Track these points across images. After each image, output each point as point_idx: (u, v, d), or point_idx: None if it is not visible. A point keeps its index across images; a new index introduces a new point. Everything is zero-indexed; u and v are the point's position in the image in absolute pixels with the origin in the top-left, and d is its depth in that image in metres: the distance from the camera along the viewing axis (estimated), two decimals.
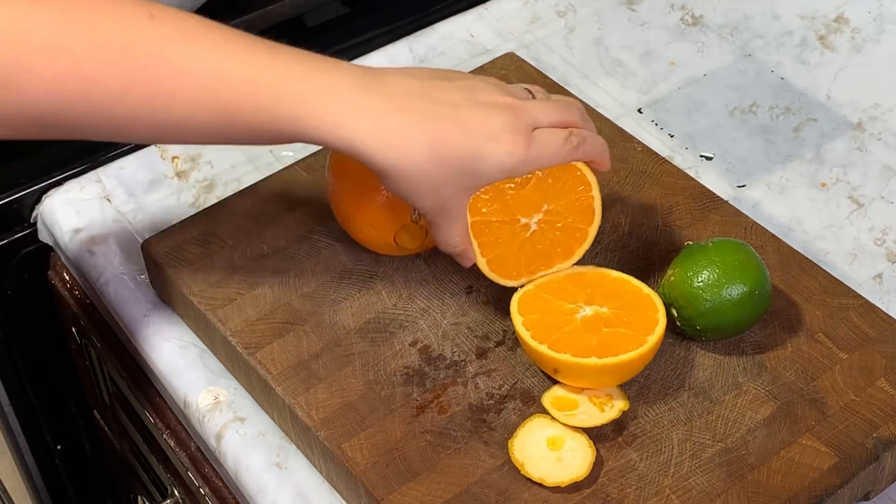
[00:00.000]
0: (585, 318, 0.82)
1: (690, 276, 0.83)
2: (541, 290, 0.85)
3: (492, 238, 0.85)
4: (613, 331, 0.81)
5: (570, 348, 0.80)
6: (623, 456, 0.79)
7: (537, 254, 0.86)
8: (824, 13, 1.19)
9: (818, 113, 1.10)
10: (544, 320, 0.82)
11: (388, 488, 0.78)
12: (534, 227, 0.85)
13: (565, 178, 0.85)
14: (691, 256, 0.84)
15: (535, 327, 0.82)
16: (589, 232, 0.86)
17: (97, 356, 1.07)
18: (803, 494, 0.77)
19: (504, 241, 0.85)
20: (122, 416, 1.09)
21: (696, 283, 0.82)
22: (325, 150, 0.99)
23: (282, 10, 1.13)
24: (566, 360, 0.80)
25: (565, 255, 0.86)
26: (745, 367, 0.84)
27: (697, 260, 0.83)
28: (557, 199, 0.85)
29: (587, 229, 0.86)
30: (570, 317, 0.83)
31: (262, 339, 0.86)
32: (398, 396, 0.83)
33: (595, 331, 0.81)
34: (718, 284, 0.82)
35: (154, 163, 1.06)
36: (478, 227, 0.84)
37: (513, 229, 0.85)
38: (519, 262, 0.85)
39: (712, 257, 0.83)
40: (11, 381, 1.16)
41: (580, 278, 0.85)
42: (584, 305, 0.83)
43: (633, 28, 1.18)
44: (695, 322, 0.83)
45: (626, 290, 0.84)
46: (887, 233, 0.99)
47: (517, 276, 0.86)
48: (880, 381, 0.83)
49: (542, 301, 0.84)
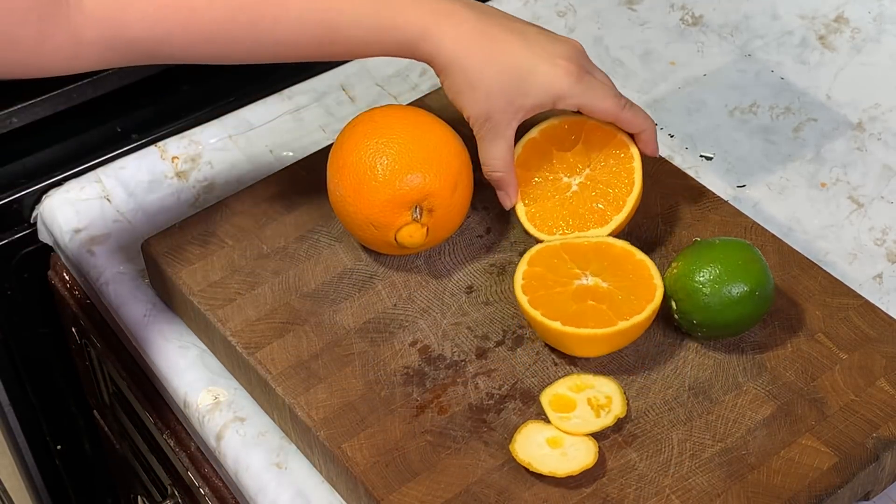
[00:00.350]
0: (580, 286, 0.84)
1: (693, 270, 0.83)
2: (561, 249, 0.87)
3: (534, 191, 0.90)
4: (595, 306, 0.83)
5: (544, 307, 0.83)
6: (623, 456, 0.79)
7: (574, 214, 0.89)
8: (824, 13, 1.19)
9: (818, 113, 1.10)
10: (544, 275, 0.85)
11: (388, 488, 0.78)
12: (574, 188, 0.90)
13: (610, 148, 0.89)
14: (697, 252, 0.84)
15: (530, 279, 0.85)
16: (627, 202, 0.89)
17: (97, 356, 1.07)
18: (803, 494, 0.77)
19: (545, 196, 0.90)
20: (122, 416, 1.09)
21: (698, 278, 0.83)
22: (325, 150, 0.99)
23: None
24: (535, 316, 0.83)
25: (600, 222, 0.89)
26: (745, 367, 0.84)
27: (702, 255, 0.84)
28: (600, 165, 0.90)
29: (625, 199, 0.89)
30: (569, 281, 0.85)
31: (262, 339, 0.86)
32: (398, 396, 0.83)
33: (580, 301, 0.83)
34: (720, 281, 0.82)
35: (154, 163, 1.06)
36: (522, 178, 0.90)
37: (555, 186, 0.90)
38: (556, 219, 0.89)
39: (717, 254, 0.83)
40: (11, 381, 1.16)
41: (606, 250, 0.86)
42: (590, 275, 0.85)
43: (633, 28, 1.18)
44: (692, 316, 0.83)
45: (638, 276, 0.85)
46: (887, 233, 0.99)
47: (551, 231, 0.89)
48: (880, 381, 0.83)
49: (557, 258, 0.86)
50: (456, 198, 0.88)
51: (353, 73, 1.13)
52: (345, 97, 1.12)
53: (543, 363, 0.85)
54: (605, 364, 0.85)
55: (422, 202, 0.86)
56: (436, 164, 0.87)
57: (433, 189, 0.86)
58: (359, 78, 1.13)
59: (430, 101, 1.03)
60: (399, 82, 1.13)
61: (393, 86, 1.13)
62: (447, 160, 0.87)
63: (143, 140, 1.09)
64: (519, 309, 0.85)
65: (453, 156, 0.88)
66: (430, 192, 0.86)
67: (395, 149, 0.86)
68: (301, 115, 1.10)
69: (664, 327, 0.86)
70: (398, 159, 0.86)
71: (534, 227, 0.90)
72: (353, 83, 1.13)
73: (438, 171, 0.86)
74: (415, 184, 0.86)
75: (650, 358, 0.85)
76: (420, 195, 0.86)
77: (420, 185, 0.86)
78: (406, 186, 0.85)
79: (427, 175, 0.86)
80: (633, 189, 0.89)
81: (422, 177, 0.86)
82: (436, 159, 0.87)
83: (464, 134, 0.90)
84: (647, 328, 0.84)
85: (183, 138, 1.08)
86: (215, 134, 1.09)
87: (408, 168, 0.86)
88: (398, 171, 0.86)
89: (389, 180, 0.85)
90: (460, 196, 0.88)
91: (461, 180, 0.88)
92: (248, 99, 1.12)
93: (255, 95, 1.12)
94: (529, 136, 0.92)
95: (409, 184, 0.86)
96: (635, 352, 0.85)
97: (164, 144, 1.08)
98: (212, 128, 1.09)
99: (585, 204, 0.89)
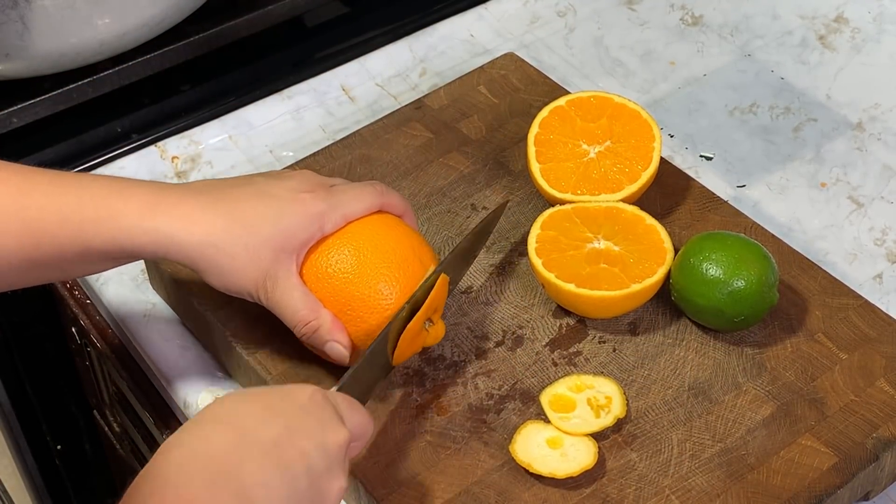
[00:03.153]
0: (593, 250, 0.86)
1: (699, 254, 0.84)
2: (573, 213, 0.88)
3: (550, 151, 0.92)
4: (608, 269, 0.85)
5: (558, 269, 0.85)
6: (623, 456, 0.79)
7: (588, 179, 0.91)
8: (824, 13, 1.19)
9: (818, 113, 1.10)
10: (556, 239, 0.87)
11: (388, 488, 0.78)
12: (592, 155, 0.91)
13: (633, 125, 0.92)
14: (710, 238, 0.85)
15: (543, 242, 0.86)
16: (642, 175, 0.90)
17: (97, 356, 1.07)
18: (803, 494, 0.77)
19: (560, 156, 0.92)
20: (122, 416, 1.09)
21: (705, 263, 0.83)
22: (325, 151, 0.99)
23: (282, 10, 1.13)
24: (549, 278, 0.85)
25: (614, 188, 0.90)
26: (745, 367, 0.84)
27: (715, 241, 0.85)
28: (622, 139, 0.92)
29: (641, 172, 0.91)
30: (582, 244, 0.86)
31: (262, 339, 0.86)
32: (398, 396, 0.83)
33: (593, 263, 0.85)
34: (726, 267, 0.83)
35: (154, 163, 1.06)
36: (540, 140, 0.92)
37: (572, 150, 0.92)
38: (569, 180, 0.91)
39: (728, 242, 0.84)
40: (11, 381, 1.16)
41: (616, 214, 0.88)
42: (602, 239, 0.86)
43: (633, 28, 1.18)
44: (687, 292, 0.84)
45: (650, 240, 0.87)
46: (887, 233, 0.99)
47: (564, 189, 0.90)
48: (880, 381, 0.83)
49: (569, 222, 0.88)
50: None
51: (353, 72, 1.13)
52: (345, 97, 1.12)
53: (543, 363, 0.85)
54: (605, 364, 0.85)
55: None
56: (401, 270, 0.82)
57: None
58: (359, 78, 1.13)
59: (430, 101, 1.03)
60: (399, 82, 1.13)
61: (393, 86, 1.13)
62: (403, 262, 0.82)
63: (143, 140, 1.09)
64: (535, 273, 0.86)
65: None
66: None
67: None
68: (301, 115, 1.10)
69: (664, 327, 0.86)
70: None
71: (546, 183, 0.91)
72: (353, 83, 1.13)
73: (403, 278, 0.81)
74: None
75: (650, 358, 0.85)
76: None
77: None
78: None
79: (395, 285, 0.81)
80: (650, 165, 0.91)
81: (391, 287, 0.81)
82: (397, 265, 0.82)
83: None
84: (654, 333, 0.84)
85: (183, 138, 1.08)
86: (215, 134, 1.09)
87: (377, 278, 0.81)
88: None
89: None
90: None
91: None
92: (248, 99, 1.12)
93: (255, 95, 1.12)
94: (556, 104, 0.94)
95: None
96: (635, 352, 0.85)
97: (164, 144, 1.08)
98: (212, 128, 1.09)
99: (600, 171, 0.91)
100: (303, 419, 0.68)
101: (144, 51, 1.07)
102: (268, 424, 0.67)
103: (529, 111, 1.01)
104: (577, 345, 0.86)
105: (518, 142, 0.99)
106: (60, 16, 0.99)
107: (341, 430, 0.69)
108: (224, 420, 0.67)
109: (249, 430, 0.66)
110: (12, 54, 1.00)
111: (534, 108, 0.99)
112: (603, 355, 0.85)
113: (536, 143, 0.93)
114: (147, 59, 1.08)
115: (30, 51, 1.00)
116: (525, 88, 1.04)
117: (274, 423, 0.67)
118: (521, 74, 1.05)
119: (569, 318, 0.87)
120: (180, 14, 1.07)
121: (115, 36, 1.03)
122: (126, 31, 1.03)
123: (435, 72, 1.14)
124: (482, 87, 1.04)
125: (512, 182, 0.96)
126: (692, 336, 0.86)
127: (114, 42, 1.04)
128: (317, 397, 0.70)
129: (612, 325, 0.87)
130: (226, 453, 0.65)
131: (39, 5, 0.97)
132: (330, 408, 0.70)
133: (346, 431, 0.70)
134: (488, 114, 1.02)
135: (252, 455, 0.65)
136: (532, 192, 0.95)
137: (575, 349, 0.86)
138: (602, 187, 0.91)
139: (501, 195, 0.95)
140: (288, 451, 0.66)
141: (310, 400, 0.69)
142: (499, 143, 1.00)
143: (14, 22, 0.98)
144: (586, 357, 0.85)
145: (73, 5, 0.99)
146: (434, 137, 1.00)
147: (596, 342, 0.86)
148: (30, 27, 0.98)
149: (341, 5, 1.21)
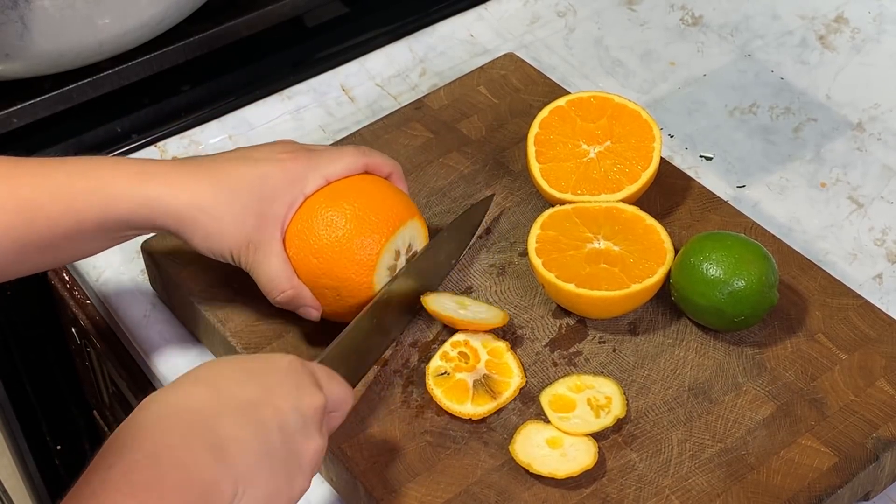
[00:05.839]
0: (593, 250, 0.86)
1: (699, 254, 0.84)
2: (573, 213, 0.88)
3: (550, 151, 0.92)
4: (608, 269, 0.85)
5: (558, 270, 0.85)
6: (623, 456, 0.79)
7: (587, 179, 0.91)
8: (824, 13, 1.19)
9: (818, 113, 1.10)
10: (557, 239, 0.87)
11: (388, 488, 0.78)
12: (592, 155, 0.91)
13: (633, 126, 0.92)
14: (710, 238, 0.85)
15: (543, 242, 0.86)
16: (641, 176, 0.91)
17: (97, 356, 1.07)
18: (803, 494, 0.77)
19: (560, 156, 0.92)
20: (122, 416, 1.09)
21: (705, 263, 0.83)
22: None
23: (282, 10, 1.13)
24: (549, 278, 0.85)
25: (614, 189, 0.90)
26: (745, 367, 0.84)
27: (715, 241, 0.85)
28: (622, 140, 0.92)
29: (641, 172, 0.91)
30: (582, 244, 0.86)
31: (261, 339, 0.86)
32: (398, 396, 0.83)
33: (593, 263, 0.85)
34: (726, 267, 0.83)
35: None
36: (540, 140, 0.93)
37: (572, 150, 0.92)
38: (569, 179, 0.91)
39: (728, 242, 0.84)
40: (11, 381, 1.16)
41: (616, 214, 0.88)
42: (602, 239, 0.86)
43: (633, 28, 1.18)
44: (687, 292, 0.84)
45: (649, 240, 0.87)
46: (887, 233, 0.99)
47: (564, 189, 0.91)
48: (880, 381, 0.83)
49: (569, 222, 0.88)
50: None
51: (353, 73, 1.13)
52: (345, 97, 1.12)
53: (543, 363, 0.85)
54: (605, 364, 0.85)
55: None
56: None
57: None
58: (359, 78, 1.13)
59: (430, 101, 1.03)
60: (399, 82, 1.13)
61: (393, 86, 1.13)
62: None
63: (143, 140, 1.09)
64: (535, 273, 0.86)
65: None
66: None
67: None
68: (301, 115, 1.10)
69: (664, 327, 0.86)
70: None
71: (546, 184, 0.91)
72: (353, 83, 1.13)
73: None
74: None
75: (650, 358, 0.85)
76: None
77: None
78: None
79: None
80: (650, 165, 0.91)
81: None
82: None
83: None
84: (650, 332, 0.84)
85: (183, 138, 1.08)
86: (215, 134, 1.09)
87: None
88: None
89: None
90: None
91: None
92: (248, 99, 1.12)
93: (255, 95, 1.12)
94: (556, 104, 0.94)
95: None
96: (635, 352, 0.85)
97: (164, 144, 1.08)
98: (212, 128, 1.09)
99: (600, 171, 0.91)
100: (280, 381, 0.71)
101: (144, 51, 1.07)
102: (245, 385, 0.70)
103: (529, 111, 1.01)
104: (577, 345, 0.86)
105: (518, 142, 0.99)
106: (60, 16, 0.99)
107: (318, 394, 0.72)
108: (203, 380, 0.70)
109: (227, 389, 0.69)
110: (12, 54, 1.00)
111: (534, 108, 1.00)
112: (603, 355, 0.85)
113: (536, 143, 0.93)
114: (147, 59, 1.08)
115: (30, 51, 1.00)
116: (525, 88, 1.04)
117: (251, 383, 0.70)
118: (521, 74, 1.05)
119: (569, 318, 0.87)
120: (180, 14, 1.07)
121: (115, 36, 1.03)
122: (126, 31, 1.03)
123: (435, 72, 1.14)
124: (482, 88, 1.04)
125: (512, 182, 0.97)
126: (692, 336, 0.86)
127: (114, 42, 1.04)
128: (295, 364, 0.73)
129: (612, 326, 0.87)
130: (203, 408, 0.68)
131: (39, 5, 0.97)
132: (308, 374, 0.73)
133: (322, 396, 0.72)
134: (488, 114, 1.02)
135: (228, 411, 0.68)
136: (532, 192, 0.95)
137: (575, 349, 0.86)
138: (602, 187, 0.91)
139: (502, 195, 0.96)
140: (263, 409, 0.69)
141: (288, 365, 0.72)
142: (499, 144, 1.00)
143: (14, 22, 0.98)
144: (586, 357, 0.85)
145: (73, 5, 0.99)
146: (434, 137, 1.00)
147: (596, 342, 0.86)
148: (30, 27, 0.98)
149: (341, 5, 1.21)
